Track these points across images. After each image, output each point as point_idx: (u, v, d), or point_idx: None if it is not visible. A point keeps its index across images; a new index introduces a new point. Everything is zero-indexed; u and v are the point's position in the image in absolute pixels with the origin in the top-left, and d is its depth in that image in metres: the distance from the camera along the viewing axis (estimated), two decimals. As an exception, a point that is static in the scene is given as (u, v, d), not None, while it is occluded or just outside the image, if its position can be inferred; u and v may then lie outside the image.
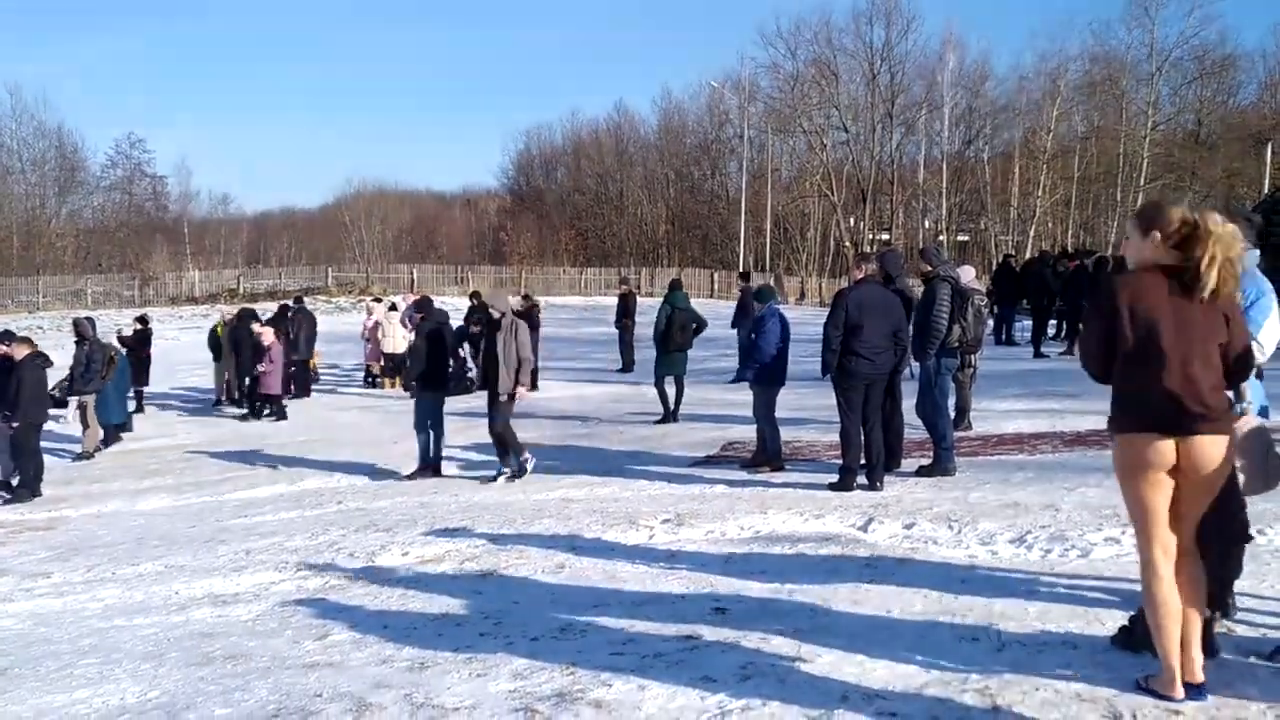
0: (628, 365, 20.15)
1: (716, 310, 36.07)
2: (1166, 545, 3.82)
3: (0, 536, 9.41)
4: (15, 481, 11.27)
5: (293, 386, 18.85)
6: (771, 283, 36.80)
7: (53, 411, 12.73)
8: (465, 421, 14.55)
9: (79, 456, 13.58)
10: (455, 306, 31.51)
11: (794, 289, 48.72)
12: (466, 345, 13.08)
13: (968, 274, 10.39)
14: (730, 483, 9.22)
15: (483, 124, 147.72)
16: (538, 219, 66.04)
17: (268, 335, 16.29)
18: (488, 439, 12.57)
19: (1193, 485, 3.79)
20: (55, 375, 12.98)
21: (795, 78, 55.28)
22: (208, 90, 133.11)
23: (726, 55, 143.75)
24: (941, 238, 51.39)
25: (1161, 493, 3.80)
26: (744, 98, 54.97)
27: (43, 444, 11.92)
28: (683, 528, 7.64)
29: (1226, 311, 3.83)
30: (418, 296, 21.32)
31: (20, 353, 11.30)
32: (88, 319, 14.50)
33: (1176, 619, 3.79)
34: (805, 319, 29.75)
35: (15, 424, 11.15)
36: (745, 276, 22.02)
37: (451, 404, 16.69)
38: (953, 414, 10.15)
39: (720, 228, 59.95)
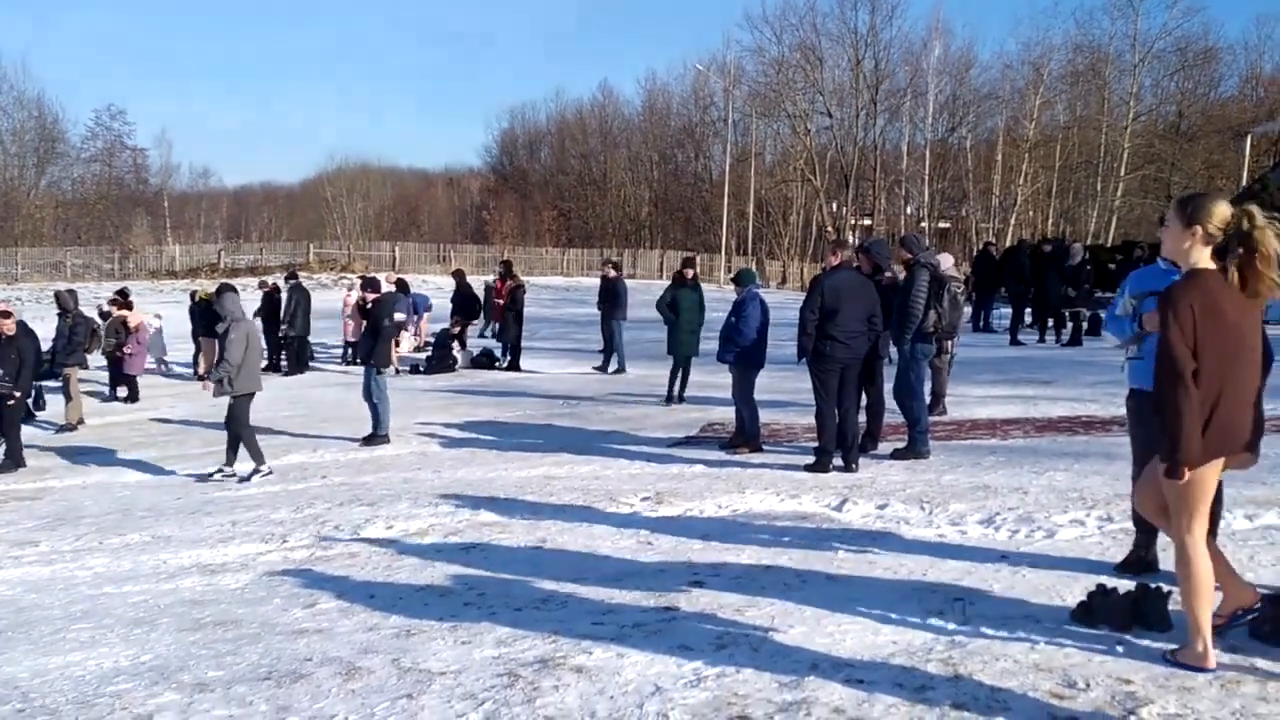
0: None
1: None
2: (1205, 528, 4.01)
3: (-12, 506, 9.51)
4: (-1, 453, 11.35)
5: (284, 362, 18.95)
6: (753, 266, 37.07)
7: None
8: (450, 399, 14.70)
9: (61, 428, 13.62)
10: (436, 285, 31.68)
11: (775, 273, 48.96)
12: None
13: (946, 261, 10.57)
14: (709, 463, 9.40)
15: (466, 102, 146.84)
16: (520, 199, 66.02)
17: (135, 318, 16.46)
18: (468, 417, 12.76)
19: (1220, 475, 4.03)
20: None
21: (780, 62, 55.35)
22: (189, 61, 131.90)
23: (712, 38, 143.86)
24: (923, 224, 51.69)
25: (1213, 486, 4.02)
26: (729, 81, 55.03)
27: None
28: (662, 505, 7.82)
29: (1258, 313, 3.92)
30: (396, 277, 21.37)
31: (12, 326, 11.33)
32: (70, 291, 14.51)
33: (1212, 595, 3.98)
34: (786, 303, 29.97)
35: (18, 396, 11.22)
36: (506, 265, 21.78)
37: (434, 381, 16.87)
38: (929, 399, 10.36)
39: (703, 210, 60.08)
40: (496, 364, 18.56)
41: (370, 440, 11.43)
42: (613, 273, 18.34)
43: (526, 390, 15.54)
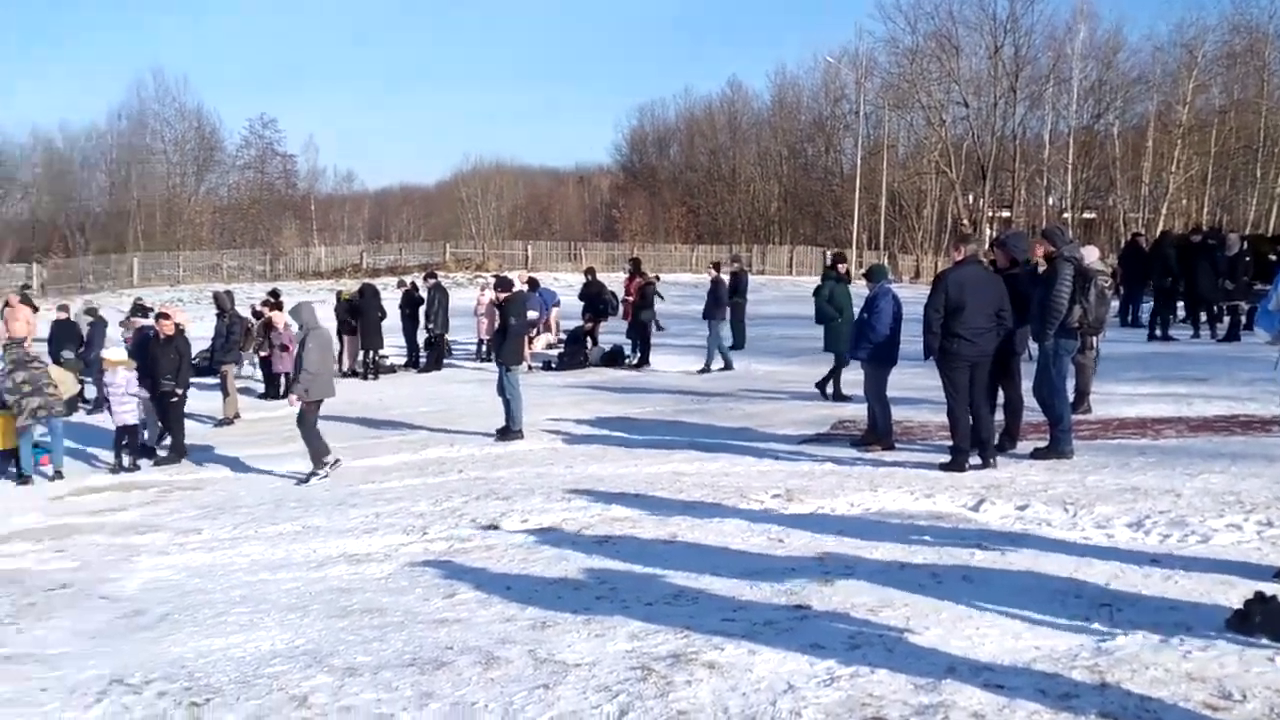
0: (738, 343, 20.25)
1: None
2: None
3: (154, 496, 10.09)
4: (161, 445, 12.01)
5: (422, 359, 19.52)
6: (885, 261, 36.37)
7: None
8: (581, 395, 14.91)
9: (219, 423, 14.34)
10: (568, 283, 32.06)
11: (908, 268, 47.99)
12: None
13: (1091, 254, 10.18)
14: (840, 461, 9.31)
15: (596, 101, 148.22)
16: (650, 196, 66.26)
17: (279, 318, 17.00)
18: (599, 413, 12.92)
19: None
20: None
21: (914, 51, 54.09)
22: (334, 69, 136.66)
23: (843, 30, 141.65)
24: (1066, 215, 49.88)
25: None
26: (861, 73, 54.11)
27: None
28: (792, 503, 7.78)
29: None
30: (528, 276, 21.74)
31: (171, 326, 11.99)
32: (227, 292, 15.26)
33: None
34: (919, 298, 29.40)
35: (179, 393, 11.87)
36: (634, 263, 21.46)
37: (566, 378, 17.12)
38: (1072, 396, 10.03)
39: (834, 205, 59.24)
40: (626, 361, 18.73)
41: (505, 435, 11.69)
42: (713, 271, 18.29)
43: (656, 387, 15.64)
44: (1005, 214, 53.38)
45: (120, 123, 57.92)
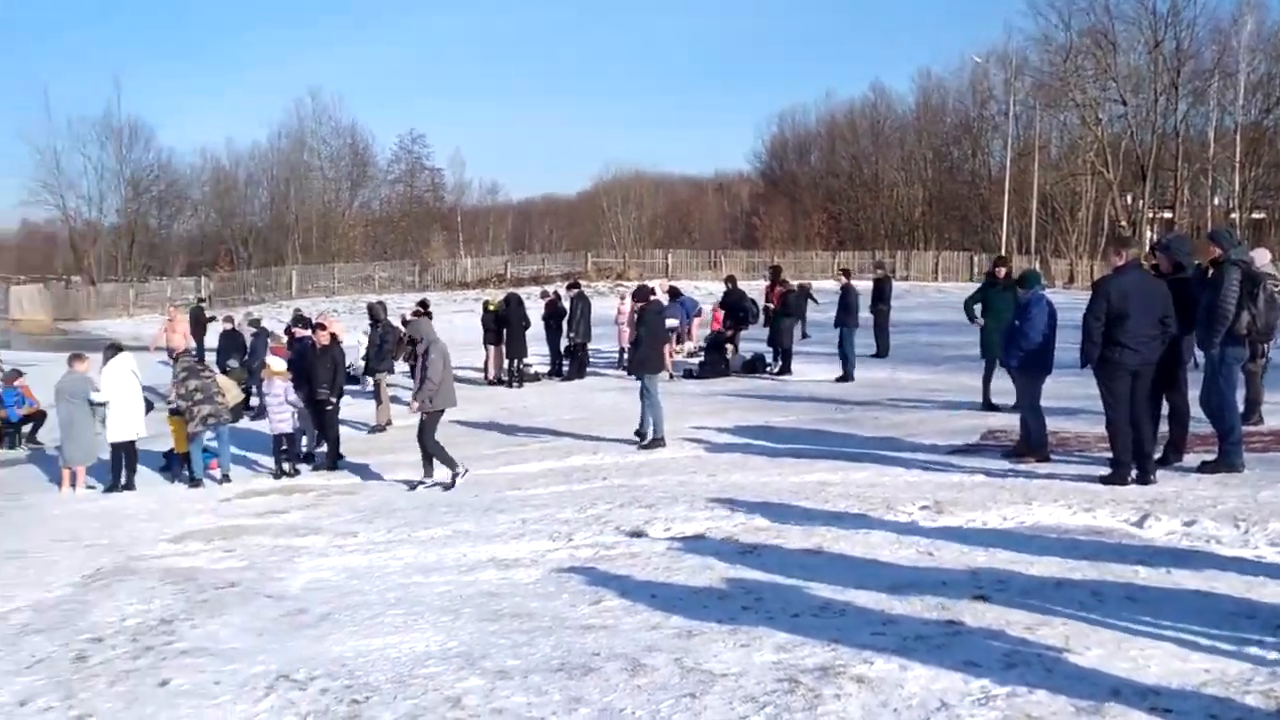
0: (882, 350, 19.91)
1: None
2: None
3: (313, 499, 10.53)
4: (318, 451, 12.53)
5: (565, 367, 19.83)
6: (1036, 266, 35.13)
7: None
8: (723, 403, 14.90)
9: (372, 429, 14.87)
10: (708, 291, 32.08)
11: (1061, 272, 46.30)
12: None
13: (1262, 257, 9.63)
14: (991, 472, 9.04)
15: (735, 108, 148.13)
16: (790, 202, 65.78)
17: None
18: (740, 421, 12.88)
19: None
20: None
21: (1068, 49, 52.21)
22: (480, 84, 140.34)
23: (991, 28, 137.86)
24: (1233, 216, 47.34)
25: None
26: (1010, 72, 52.51)
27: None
28: (942, 515, 7.60)
29: None
30: (669, 285, 21.82)
31: (327, 337, 12.52)
32: (380, 303, 15.82)
33: None
34: (1074, 304, 28.35)
35: (334, 401, 12.38)
36: (775, 271, 20.77)
37: (707, 386, 17.13)
38: (1242, 407, 9.50)
39: (981, 209, 57.67)
40: (768, 369, 18.62)
41: (649, 444, 11.75)
42: (842, 279, 18.00)
43: (798, 395, 15.51)
44: (1166, 215, 50.99)
45: (280, 141, 60.90)
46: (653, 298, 12.82)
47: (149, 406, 12.23)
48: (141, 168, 59.35)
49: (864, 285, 19.31)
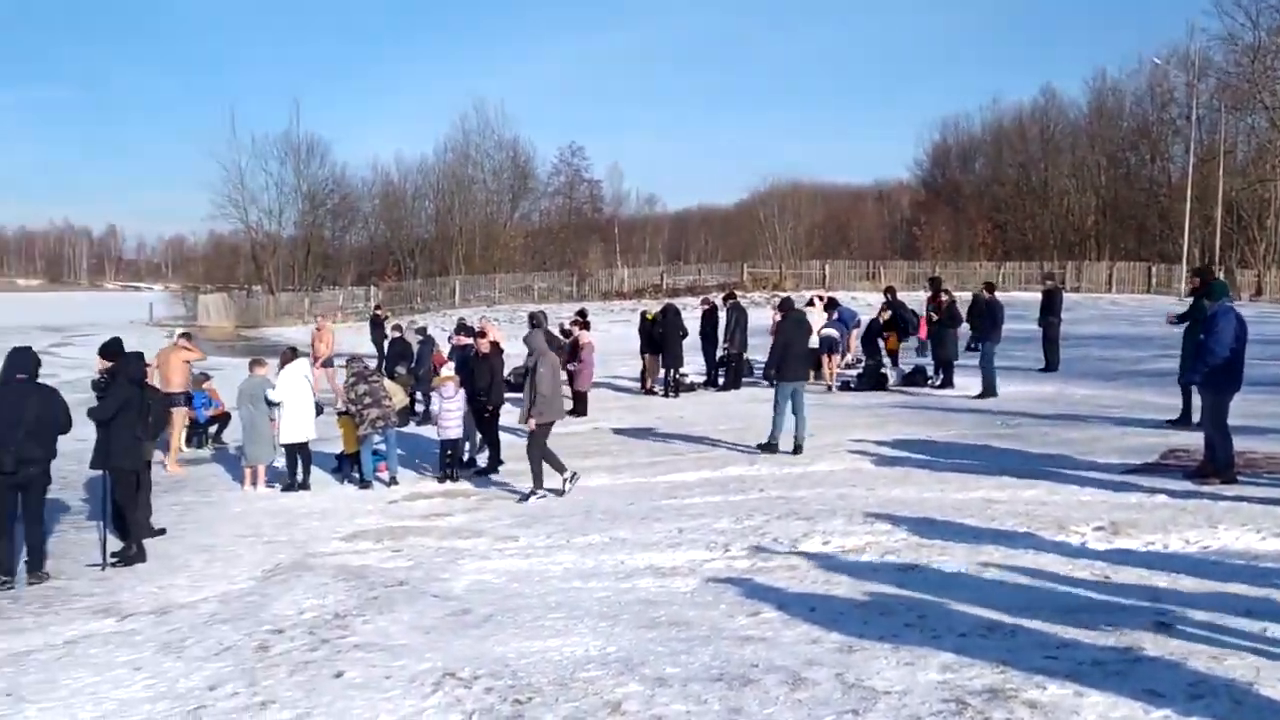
0: (1052, 364, 19.14)
1: (1156, 306, 33.23)
2: None
3: (475, 503, 10.82)
4: (479, 456, 12.86)
5: (721, 378, 19.82)
6: (1222, 277, 33.28)
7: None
8: (881, 416, 14.61)
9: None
10: (866, 301, 31.53)
11: (1248, 284, 43.64)
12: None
13: None
14: (1173, 493, 8.57)
15: (895, 115, 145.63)
16: (953, 211, 64.06)
17: (584, 336, 17.39)
18: (900, 434, 12.61)
19: None
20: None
21: (1255, 48, 49.20)
22: (638, 96, 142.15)
23: (1172, 28, 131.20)
24: None
25: None
26: (1192, 74, 49.80)
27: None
28: (1118, 537, 7.25)
29: None
30: (827, 296, 21.54)
31: (488, 344, 12.84)
32: (540, 312, 16.11)
33: None
34: (1263, 317, 26.68)
35: (492, 407, 12.70)
36: (934, 283, 19.55)
37: (866, 398, 16.82)
38: None
39: (1160, 217, 54.86)
40: (929, 381, 18.16)
41: (763, 445, 12.33)
42: (986, 294, 17.30)
43: (960, 408, 15.06)
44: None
45: (446, 155, 62.94)
46: (794, 309, 13.11)
47: (319, 410, 12.79)
48: (317, 182, 62.36)
49: (1032, 297, 18.69)
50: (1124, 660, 4.69)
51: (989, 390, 16.04)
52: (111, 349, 9.53)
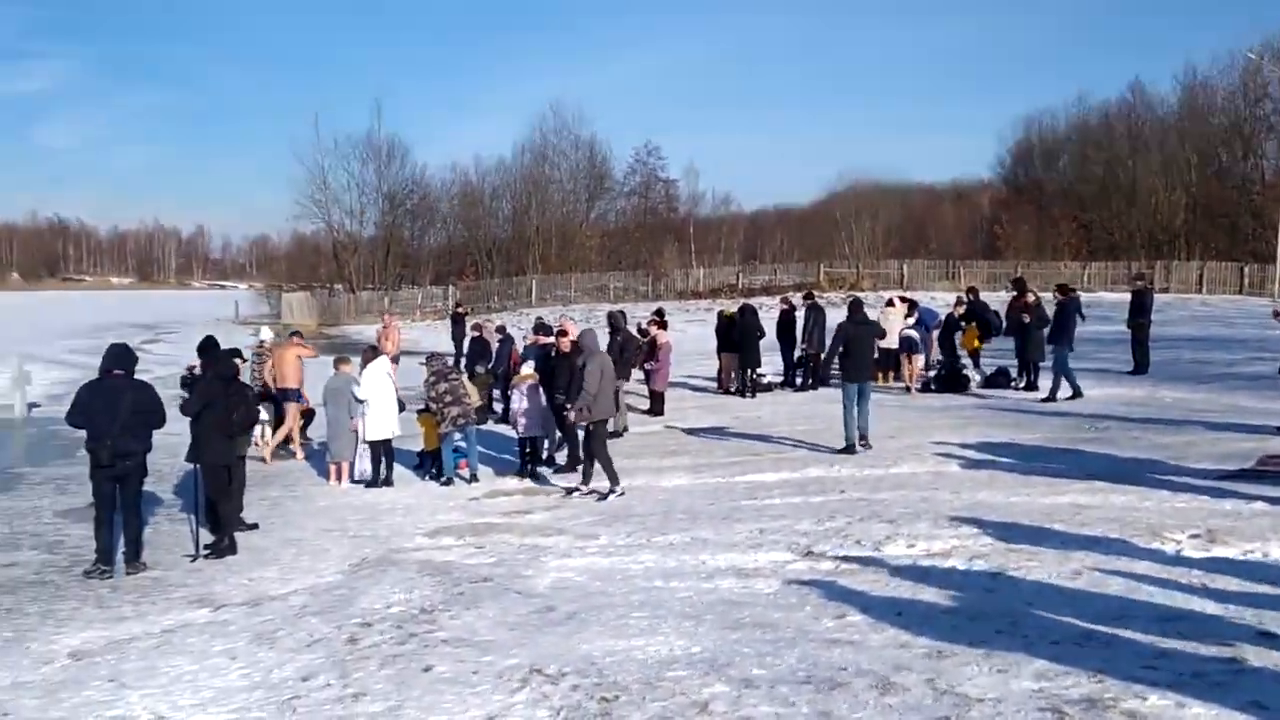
0: (1140, 367, 18.66)
1: (1249, 307, 32.22)
2: None
3: (555, 501, 10.89)
4: (559, 455, 12.93)
5: (798, 378, 19.70)
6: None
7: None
8: (964, 419, 14.39)
9: (610, 435, 15.20)
10: (945, 301, 31.05)
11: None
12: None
13: None
14: (1272, 500, 8.29)
15: (975, 114, 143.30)
16: (1035, 210, 62.71)
17: (661, 336, 17.30)
18: (983, 437, 12.39)
19: None
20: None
21: (1355, 40, 47.43)
22: (714, 95, 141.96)
23: (1271, 20, 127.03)
24: None
25: None
26: (1288, 67, 48.17)
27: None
28: (1215, 545, 7.04)
29: None
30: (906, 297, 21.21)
31: (568, 343, 12.90)
32: (620, 312, 16.19)
33: None
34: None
35: (572, 408, 12.75)
36: (1018, 284, 18.92)
37: (947, 400, 16.58)
38: None
39: (1253, 215, 53.07)
40: (1012, 383, 17.81)
41: (842, 450, 12.31)
42: (1058, 295, 16.85)
43: (1046, 411, 14.75)
44: None
45: (523, 156, 63.42)
46: (858, 311, 13.19)
47: (402, 407, 12.97)
48: (398, 183, 63.23)
49: (1119, 297, 18.18)
50: (1227, 671, 4.55)
51: (1075, 391, 15.71)
52: (202, 346, 9.78)
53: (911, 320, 19.07)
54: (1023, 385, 17.46)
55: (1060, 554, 6.98)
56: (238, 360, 10.84)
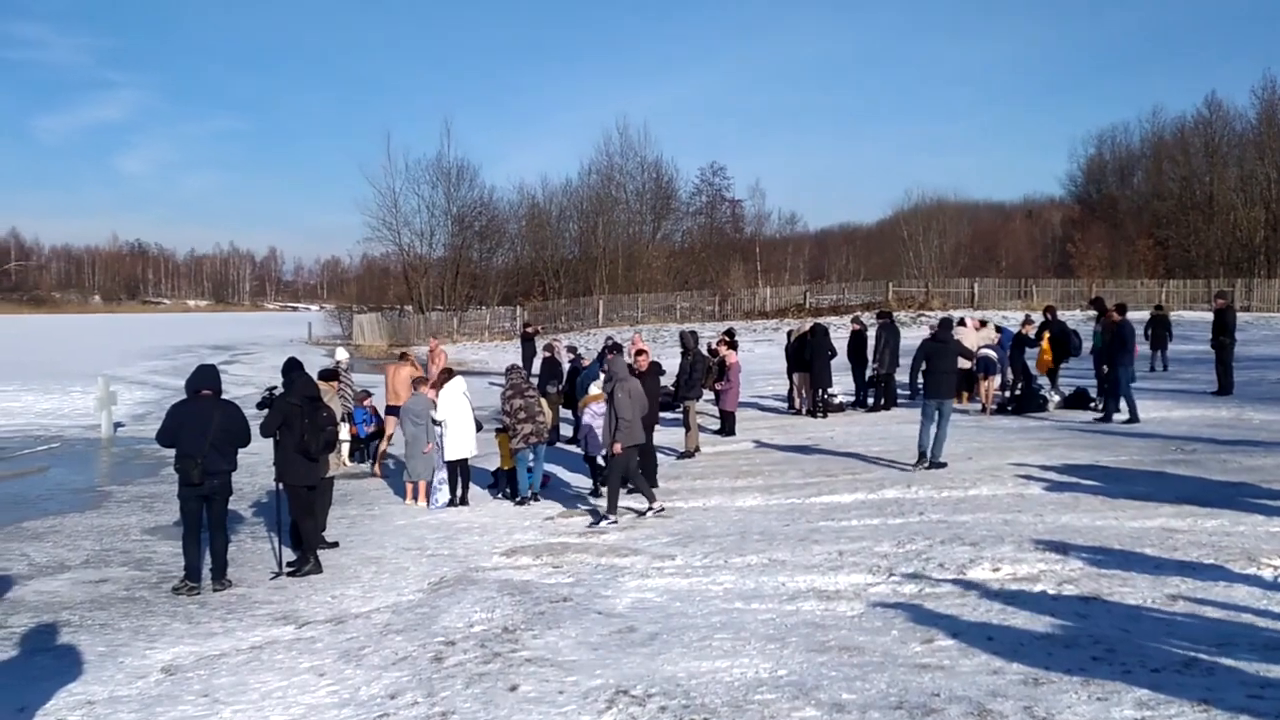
0: (1225, 387, 18.15)
1: (1336, 326, 31.18)
2: None
3: (629, 521, 10.88)
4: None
5: (870, 398, 19.51)
6: None
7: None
8: (1043, 440, 14.11)
9: (681, 455, 15.18)
10: (1017, 321, 30.58)
11: None
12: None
13: None
14: (1374, 526, 8.02)
15: (1044, 131, 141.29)
16: (1109, 228, 61.59)
17: (731, 356, 17.17)
18: (1065, 459, 12.14)
19: None
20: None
21: None
22: (780, 115, 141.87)
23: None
24: None
25: None
26: (1373, 78, 46.77)
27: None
28: (1317, 571, 6.81)
29: None
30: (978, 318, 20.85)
31: (646, 362, 12.92)
32: (691, 333, 16.17)
33: None
34: None
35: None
36: (1097, 304, 18.39)
37: (1025, 421, 16.27)
38: None
39: (1338, 231, 51.62)
40: (1092, 404, 17.44)
41: (930, 464, 12.41)
42: (1116, 315, 16.41)
43: (1129, 432, 14.41)
44: None
45: (590, 176, 63.86)
46: (943, 330, 13.19)
47: (479, 427, 13.08)
48: (466, 205, 63.93)
49: (1197, 316, 17.72)
50: (1341, 704, 4.39)
51: (1133, 415, 15.41)
52: (287, 367, 9.94)
53: (994, 338, 18.83)
54: (1101, 406, 17.09)
55: (1154, 579, 6.80)
56: (331, 383, 11.03)
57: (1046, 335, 18.55)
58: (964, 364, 19.57)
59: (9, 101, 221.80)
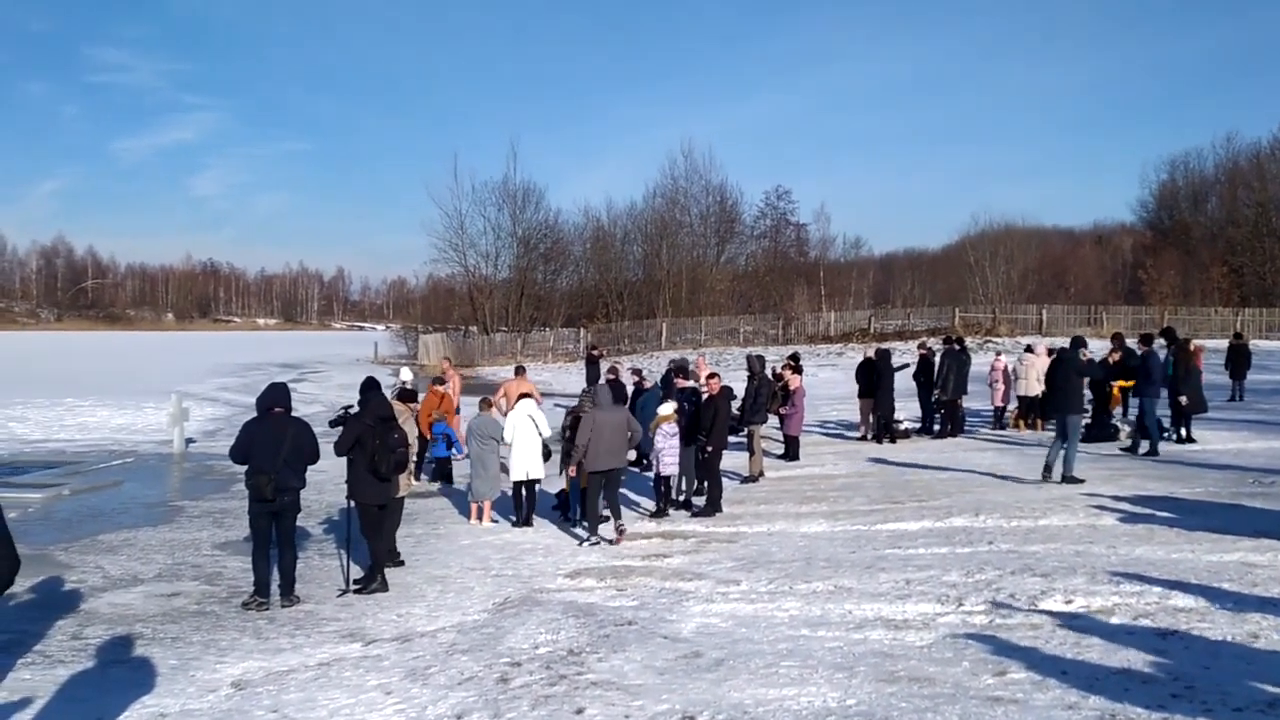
0: (1309, 418, 17.65)
1: None
2: None
3: (693, 545, 10.85)
4: (701, 500, 12.90)
5: (936, 424, 19.29)
6: None
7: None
8: (1115, 470, 13.83)
9: (745, 479, 15.12)
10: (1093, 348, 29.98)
11: None
12: None
13: None
14: None
15: (1114, 157, 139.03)
16: (1182, 255, 60.34)
17: (795, 381, 17.01)
18: (1138, 490, 11.89)
19: None
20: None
21: None
22: (845, 139, 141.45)
23: None
24: None
25: None
26: None
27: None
28: (1407, 610, 6.58)
29: None
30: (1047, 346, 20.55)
31: (717, 386, 12.89)
32: (758, 357, 16.12)
33: None
34: None
35: (710, 450, 12.74)
36: (1168, 333, 17.77)
37: (1096, 450, 15.97)
38: None
39: None
40: (1166, 434, 17.03)
41: (1065, 479, 12.76)
42: (1142, 346, 16.01)
43: (1204, 462, 14.07)
44: None
45: (655, 199, 64.14)
46: (1066, 352, 13.50)
47: (547, 451, 13.12)
48: (532, 227, 64.59)
49: (1273, 345, 17.24)
50: None
51: (1153, 448, 15.14)
52: (364, 386, 10.08)
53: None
54: (1175, 438, 16.71)
55: (1233, 615, 6.62)
56: (408, 404, 11.17)
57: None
58: (1030, 391, 19.37)
59: (91, 124, 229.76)
